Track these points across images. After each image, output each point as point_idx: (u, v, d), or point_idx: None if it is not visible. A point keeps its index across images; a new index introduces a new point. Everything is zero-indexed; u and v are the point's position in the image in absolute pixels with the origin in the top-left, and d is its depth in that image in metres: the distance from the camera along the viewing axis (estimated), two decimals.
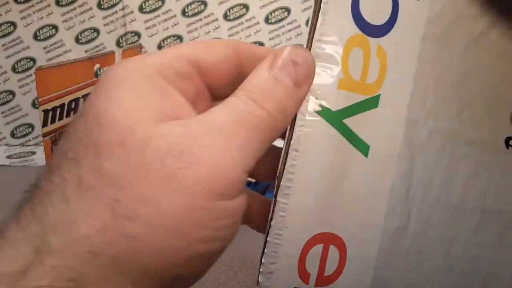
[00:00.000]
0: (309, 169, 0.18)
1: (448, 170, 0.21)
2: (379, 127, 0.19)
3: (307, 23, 0.70)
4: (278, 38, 0.71)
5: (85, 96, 0.50)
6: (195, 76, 0.18)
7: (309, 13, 0.74)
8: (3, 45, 0.69)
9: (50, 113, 0.46)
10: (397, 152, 0.20)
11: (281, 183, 0.18)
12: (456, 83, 0.21)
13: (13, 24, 0.69)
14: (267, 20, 0.70)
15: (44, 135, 0.47)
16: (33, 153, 0.71)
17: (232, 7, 0.69)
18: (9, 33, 0.69)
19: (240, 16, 0.69)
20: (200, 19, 0.70)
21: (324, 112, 0.18)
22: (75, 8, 0.69)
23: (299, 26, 0.70)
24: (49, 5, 0.68)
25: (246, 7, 0.69)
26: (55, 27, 0.69)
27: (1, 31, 0.69)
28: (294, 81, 0.18)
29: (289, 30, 0.70)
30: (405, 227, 0.21)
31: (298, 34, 0.71)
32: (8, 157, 0.69)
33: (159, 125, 0.16)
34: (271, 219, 0.18)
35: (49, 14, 0.69)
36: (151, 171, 0.15)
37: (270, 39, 0.71)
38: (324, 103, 0.18)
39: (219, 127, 0.16)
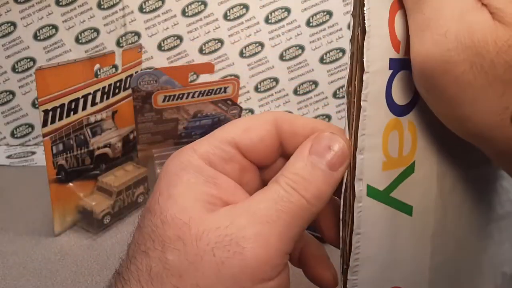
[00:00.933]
0: (370, 246, 0.22)
1: (462, 198, 0.26)
2: (418, 188, 0.23)
3: (307, 23, 0.70)
4: (278, 38, 0.71)
5: (85, 96, 0.50)
6: (238, 155, 0.21)
7: (309, 13, 0.74)
8: (3, 45, 0.69)
9: (50, 113, 0.46)
10: (433, 203, 0.24)
11: (349, 264, 0.21)
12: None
13: (13, 24, 0.69)
14: (267, 20, 0.70)
15: (44, 135, 0.47)
16: (33, 153, 0.71)
17: (232, 7, 0.69)
18: (9, 33, 0.69)
19: (240, 16, 0.70)
20: (200, 19, 0.70)
21: (374, 194, 0.21)
22: (75, 8, 0.69)
23: (299, 26, 0.70)
24: (49, 5, 0.68)
25: (246, 7, 0.69)
26: (55, 27, 0.69)
27: (1, 31, 0.69)
28: (330, 166, 0.20)
29: (289, 30, 0.70)
30: (444, 259, 0.26)
31: (298, 34, 0.71)
32: (8, 157, 0.69)
33: (209, 217, 0.18)
34: None
35: (49, 14, 0.69)
36: (204, 261, 0.18)
37: (270, 39, 0.71)
38: (373, 185, 0.21)
39: (262, 217, 0.18)
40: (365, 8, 0.19)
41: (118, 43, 0.70)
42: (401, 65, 0.21)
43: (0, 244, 0.48)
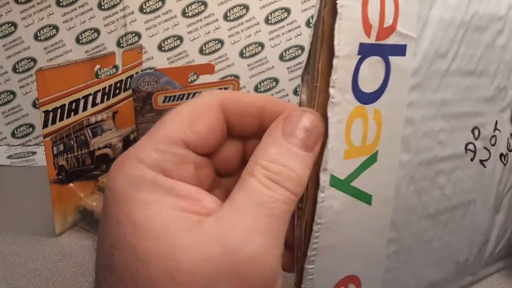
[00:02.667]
0: (330, 236, 0.21)
1: (430, 187, 0.27)
2: (379, 178, 0.23)
3: (307, 24, 0.70)
4: (278, 39, 0.71)
5: (85, 97, 0.50)
6: (189, 154, 0.19)
7: (309, 13, 0.74)
8: (3, 46, 0.70)
9: (51, 114, 0.47)
10: (392, 192, 0.24)
11: (307, 253, 0.21)
12: (433, 117, 0.26)
13: (14, 25, 0.69)
14: (267, 20, 0.70)
15: (44, 136, 0.47)
16: (34, 153, 0.71)
17: (232, 8, 0.69)
18: (9, 34, 0.69)
19: (240, 17, 0.70)
20: (201, 20, 0.70)
21: (335, 183, 0.20)
22: (75, 9, 0.69)
23: (299, 26, 0.70)
24: (49, 6, 0.68)
25: (246, 7, 0.69)
26: (56, 28, 0.69)
27: (2, 31, 0.69)
28: (306, 147, 0.18)
29: (289, 31, 0.70)
30: (399, 248, 0.27)
31: (298, 35, 0.71)
32: (9, 157, 0.69)
33: (195, 243, 0.16)
34: (301, 283, 0.21)
35: (50, 14, 0.69)
36: None
37: (270, 39, 0.71)
38: (335, 174, 0.20)
39: (254, 231, 0.16)
40: None
41: (118, 44, 0.70)
42: (370, 50, 0.20)
43: (0, 245, 0.48)
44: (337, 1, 0.18)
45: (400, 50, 0.21)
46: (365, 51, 0.20)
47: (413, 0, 0.21)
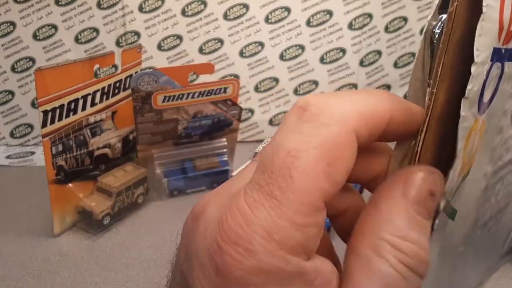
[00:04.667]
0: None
1: (491, 195, 0.25)
2: (465, 191, 0.20)
3: (307, 23, 0.70)
4: (278, 38, 0.71)
5: (84, 97, 0.50)
6: (324, 218, 0.15)
7: (309, 13, 0.74)
8: (2, 45, 0.69)
9: (50, 113, 0.46)
10: (474, 206, 0.22)
11: None
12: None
13: (13, 24, 0.69)
14: (267, 19, 0.70)
15: (43, 136, 0.47)
16: (33, 153, 0.70)
17: (232, 7, 0.69)
18: (8, 33, 0.69)
19: (240, 16, 0.69)
20: (200, 19, 0.69)
21: (447, 208, 0.18)
22: (74, 8, 0.68)
23: (299, 25, 0.70)
24: (48, 5, 0.68)
25: (246, 6, 0.69)
26: (55, 27, 0.69)
27: (1, 30, 0.69)
28: (430, 215, 0.16)
29: (289, 30, 0.70)
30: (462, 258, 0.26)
31: (298, 34, 0.70)
32: (8, 157, 0.69)
33: None
34: None
35: (49, 13, 0.68)
36: None
37: (270, 38, 0.71)
38: (448, 198, 0.17)
39: None
40: None
41: (117, 43, 0.70)
42: (497, 55, 0.17)
43: None
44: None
45: None
46: (495, 56, 0.17)
47: None
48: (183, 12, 0.69)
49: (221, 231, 0.14)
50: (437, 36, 0.17)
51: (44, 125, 0.46)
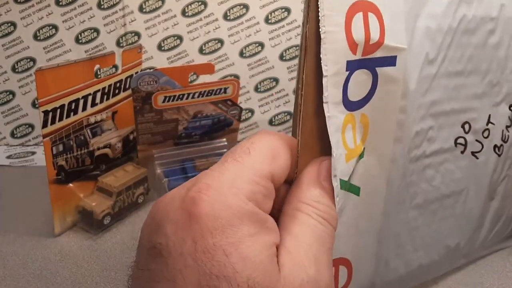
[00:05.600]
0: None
1: (418, 180, 0.30)
2: (366, 171, 0.25)
3: None
4: (278, 38, 0.71)
5: (85, 97, 0.50)
6: (273, 188, 0.20)
7: None
8: (3, 45, 0.69)
9: (50, 114, 0.47)
10: (383, 186, 0.27)
11: None
12: (422, 118, 0.28)
13: (13, 24, 0.69)
14: (267, 20, 0.70)
15: (44, 136, 0.47)
16: (33, 153, 0.71)
17: (232, 7, 0.69)
18: (9, 33, 0.69)
19: (240, 16, 0.70)
20: (200, 19, 0.70)
21: (343, 185, 0.23)
22: (75, 8, 0.69)
23: (299, 26, 0.70)
24: (49, 5, 0.68)
25: (246, 7, 0.69)
26: (55, 27, 0.69)
27: (1, 31, 0.69)
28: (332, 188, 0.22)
29: (289, 30, 0.70)
30: (390, 234, 0.30)
31: (298, 34, 0.71)
32: (8, 157, 0.69)
33: (287, 276, 0.18)
34: None
35: (49, 14, 0.69)
36: None
37: (270, 39, 0.71)
38: (342, 178, 0.22)
39: (320, 263, 0.19)
40: (320, 15, 0.20)
41: (118, 43, 0.70)
42: (357, 65, 0.22)
43: (0, 245, 0.48)
44: (320, 27, 0.20)
45: (389, 61, 0.23)
46: (352, 66, 0.21)
47: (399, 16, 0.23)
48: (183, 13, 0.69)
49: (190, 188, 0.18)
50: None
51: (44, 125, 0.46)
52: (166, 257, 0.17)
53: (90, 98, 0.51)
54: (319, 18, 0.20)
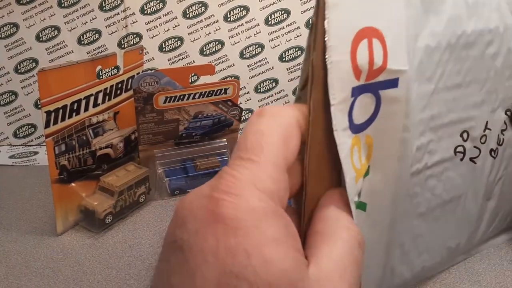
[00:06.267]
0: None
1: (421, 191, 0.31)
2: (373, 188, 0.25)
3: (306, 25, 0.70)
4: (278, 40, 0.71)
5: (87, 98, 0.50)
6: (288, 179, 0.20)
7: (308, 14, 0.74)
8: (5, 46, 0.70)
9: (53, 114, 0.47)
10: (389, 202, 0.27)
11: None
12: (422, 133, 0.29)
13: (16, 26, 0.69)
14: (267, 21, 0.70)
15: (46, 136, 0.47)
16: (36, 153, 0.71)
17: (232, 9, 0.70)
18: (11, 34, 0.70)
19: (240, 18, 0.70)
20: (201, 21, 0.70)
21: (357, 205, 0.23)
22: (77, 10, 0.69)
23: (298, 27, 0.71)
24: (51, 7, 0.69)
25: (246, 9, 0.70)
26: (57, 29, 0.70)
27: (4, 32, 0.69)
28: None
29: (289, 32, 0.71)
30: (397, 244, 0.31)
31: (297, 36, 0.71)
32: (11, 157, 0.70)
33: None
34: None
35: (51, 15, 0.69)
36: None
37: (270, 40, 0.71)
38: (355, 199, 0.22)
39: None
40: (327, 45, 0.20)
41: (119, 45, 0.71)
42: (361, 90, 0.22)
43: (2, 244, 0.48)
44: (326, 57, 0.20)
45: (392, 83, 0.23)
46: (356, 92, 0.22)
47: (400, 38, 0.23)
48: (184, 14, 0.70)
49: (214, 188, 0.18)
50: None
51: (47, 125, 0.47)
52: (187, 252, 0.17)
53: (92, 98, 0.51)
54: (326, 47, 0.20)
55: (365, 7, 0.21)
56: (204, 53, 0.72)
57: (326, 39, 0.20)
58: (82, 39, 0.70)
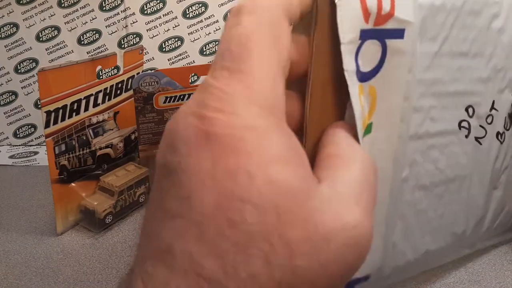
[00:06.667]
0: None
1: (422, 160, 0.30)
2: (375, 147, 0.24)
3: None
4: None
5: (87, 97, 0.50)
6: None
7: None
8: (5, 46, 0.70)
9: (53, 114, 0.47)
10: (391, 163, 0.26)
11: None
12: (422, 95, 0.28)
13: (16, 26, 0.69)
14: None
15: (46, 136, 0.47)
16: (36, 153, 0.71)
17: None
18: (11, 34, 0.70)
19: None
20: (201, 21, 0.70)
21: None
22: (77, 10, 0.69)
23: None
24: (51, 7, 0.69)
25: None
26: (57, 29, 0.70)
27: (4, 32, 0.69)
28: None
29: None
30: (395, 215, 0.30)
31: None
32: (11, 157, 0.70)
33: (328, 210, 0.16)
34: None
35: (51, 15, 0.69)
36: (332, 264, 0.15)
37: None
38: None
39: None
40: None
41: (119, 45, 0.71)
42: (369, 34, 0.21)
43: (3, 244, 0.48)
44: None
45: (398, 33, 0.23)
46: (365, 36, 0.21)
47: None
48: (184, 14, 0.70)
49: (202, 105, 0.16)
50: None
51: (47, 125, 0.47)
52: (180, 175, 0.15)
53: (92, 98, 0.51)
54: None
55: None
56: (204, 53, 0.72)
57: None
58: (82, 39, 0.70)
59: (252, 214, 0.14)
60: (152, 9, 0.69)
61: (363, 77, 0.22)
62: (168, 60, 0.72)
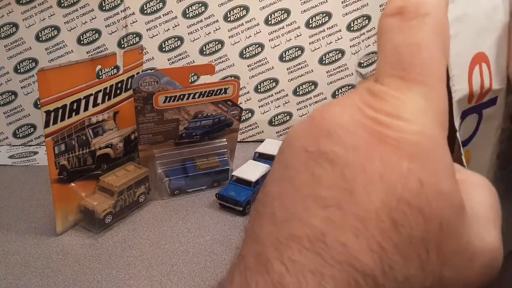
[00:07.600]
0: None
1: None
2: None
3: (306, 25, 0.70)
4: (278, 39, 0.71)
5: (87, 97, 0.50)
6: None
7: (308, 14, 0.74)
8: (5, 46, 0.70)
9: (52, 114, 0.47)
10: None
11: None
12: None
13: (15, 25, 0.69)
14: (267, 21, 0.70)
15: (46, 136, 0.47)
16: (35, 153, 0.71)
17: (232, 9, 0.70)
18: (11, 34, 0.70)
19: (240, 18, 0.70)
20: (201, 21, 0.70)
21: None
22: (77, 10, 0.69)
23: (298, 27, 0.70)
24: (51, 7, 0.69)
25: (246, 8, 0.70)
26: (57, 28, 0.70)
27: (3, 32, 0.69)
28: None
29: (289, 32, 0.71)
30: None
31: (297, 36, 0.71)
32: (11, 157, 0.70)
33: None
34: None
35: (51, 15, 0.69)
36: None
37: (270, 40, 0.71)
38: None
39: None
40: (450, 74, 0.20)
41: (119, 44, 0.71)
42: (469, 112, 0.23)
43: (2, 244, 0.48)
44: (451, 86, 0.20)
45: (492, 102, 0.24)
46: (465, 114, 0.22)
47: (501, 58, 0.24)
48: (184, 14, 0.70)
49: (373, 108, 0.16)
50: None
51: (46, 125, 0.47)
52: (342, 167, 0.15)
53: (91, 98, 0.51)
54: (450, 76, 0.20)
55: (475, 33, 0.22)
56: (204, 53, 0.72)
57: (449, 69, 0.20)
58: (81, 38, 0.70)
59: (417, 220, 0.15)
60: (152, 9, 0.69)
61: (462, 145, 0.23)
62: (168, 60, 0.72)
